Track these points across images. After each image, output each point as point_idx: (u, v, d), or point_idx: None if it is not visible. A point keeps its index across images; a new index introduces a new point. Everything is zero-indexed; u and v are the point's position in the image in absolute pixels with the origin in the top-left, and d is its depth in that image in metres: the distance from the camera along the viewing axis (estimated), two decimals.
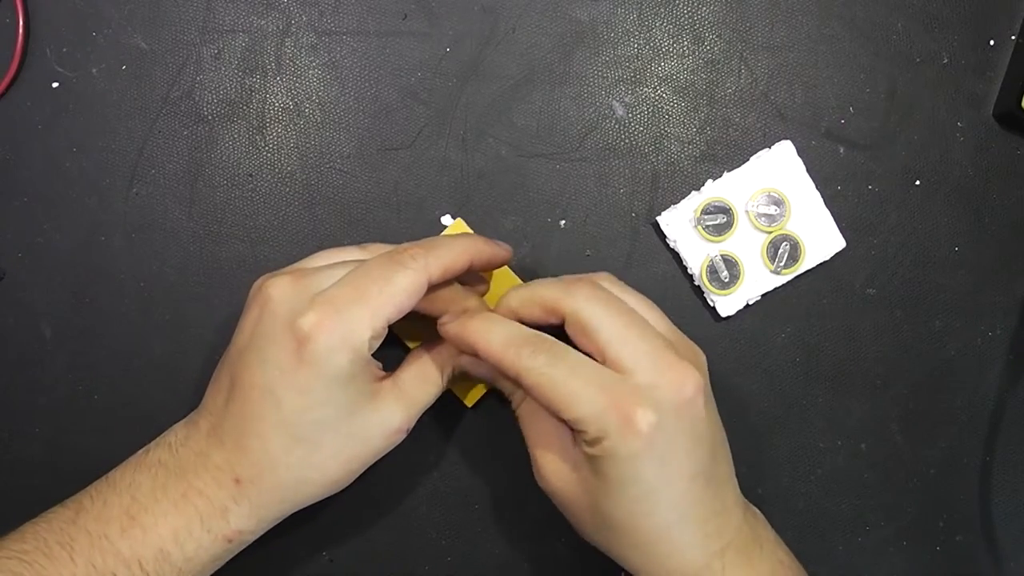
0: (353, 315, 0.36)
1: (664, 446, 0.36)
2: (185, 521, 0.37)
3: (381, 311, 0.37)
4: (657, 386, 0.36)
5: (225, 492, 0.38)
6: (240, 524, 0.38)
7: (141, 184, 0.47)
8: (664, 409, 0.36)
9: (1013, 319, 0.48)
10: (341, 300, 0.37)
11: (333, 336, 0.36)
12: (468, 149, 0.48)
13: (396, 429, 0.39)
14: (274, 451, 0.37)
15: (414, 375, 0.41)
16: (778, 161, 0.47)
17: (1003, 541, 0.48)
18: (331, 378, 0.37)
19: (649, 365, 0.36)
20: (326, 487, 0.39)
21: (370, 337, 0.37)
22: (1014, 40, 0.48)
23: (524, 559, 0.47)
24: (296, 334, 0.36)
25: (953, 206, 0.48)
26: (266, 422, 0.37)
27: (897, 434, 0.48)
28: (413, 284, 0.37)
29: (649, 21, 0.48)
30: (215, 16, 0.48)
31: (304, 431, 0.37)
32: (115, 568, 0.36)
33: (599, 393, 0.36)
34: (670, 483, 0.36)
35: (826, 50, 0.48)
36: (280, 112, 0.48)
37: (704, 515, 0.37)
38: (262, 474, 0.38)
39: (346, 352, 0.36)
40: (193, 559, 0.37)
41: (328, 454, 0.38)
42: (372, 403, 0.38)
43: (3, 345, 0.47)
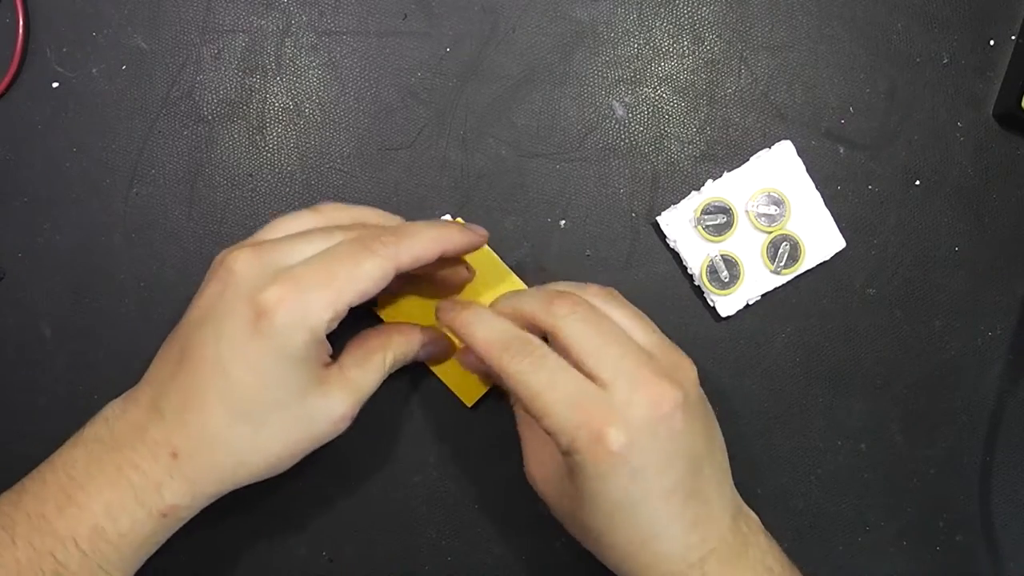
0: (316, 295, 0.36)
1: (636, 464, 0.36)
2: (119, 496, 0.37)
3: (344, 295, 0.37)
4: (632, 403, 0.36)
5: (160, 466, 0.37)
6: (175, 499, 0.37)
7: (141, 184, 0.47)
8: (637, 427, 0.36)
9: (1013, 319, 0.48)
10: (306, 279, 0.36)
11: (293, 313, 0.36)
12: (468, 149, 0.48)
13: (341, 416, 0.39)
14: (215, 426, 0.37)
15: (358, 362, 0.41)
16: (778, 161, 0.47)
17: (1003, 541, 0.48)
18: (284, 356, 0.36)
19: (625, 382, 0.36)
20: (265, 469, 0.39)
21: (329, 319, 0.37)
22: (1014, 40, 0.48)
23: (524, 559, 0.47)
24: (256, 307, 0.36)
25: (953, 206, 0.48)
26: (212, 396, 0.37)
27: (897, 434, 0.48)
28: (380, 271, 0.37)
29: (649, 21, 0.48)
30: (215, 16, 0.48)
31: (249, 409, 0.37)
32: (52, 548, 0.36)
33: (573, 408, 0.36)
34: (644, 500, 0.36)
35: (826, 50, 0.48)
36: (280, 112, 0.48)
37: (683, 528, 0.37)
38: (200, 449, 0.37)
39: (303, 331, 0.36)
40: (128, 535, 0.37)
41: (271, 435, 0.38)
42: (320, 388, 0.38)
43: (3, 345, 0.47)
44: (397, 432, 0.47)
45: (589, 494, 0.37)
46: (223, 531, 0.47)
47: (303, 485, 0.47)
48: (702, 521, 0.38)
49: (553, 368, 0.37)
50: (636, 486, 0.36)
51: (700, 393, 0.39)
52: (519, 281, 0.46)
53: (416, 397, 0.47)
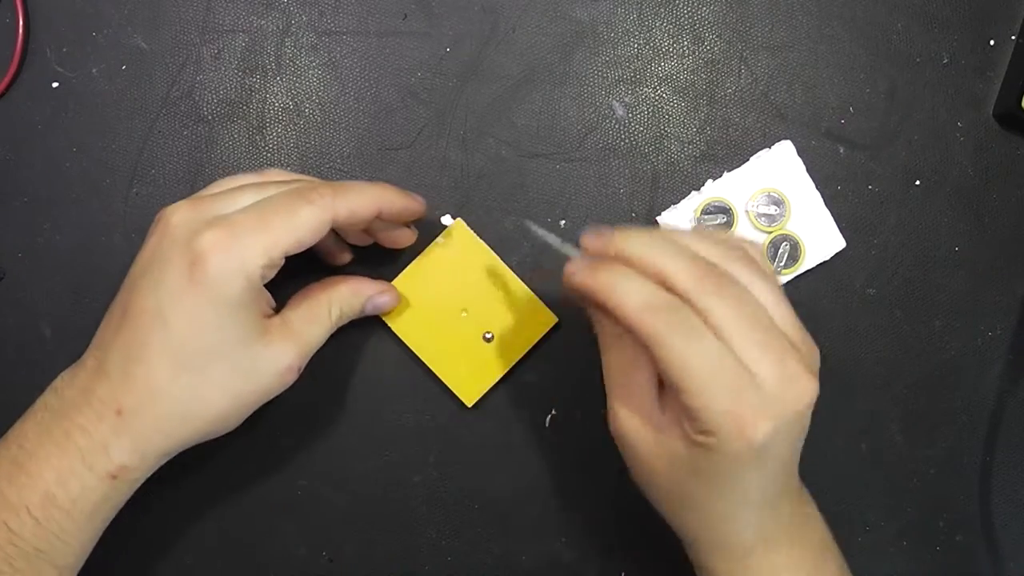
0: (250, 240, 0.37)
1: (770, 455, 0.35)
2: (68, 461, 0.37)
3: (280, 241, 0.37)
4: (781, 399, 0.35)
5: (106, 425, 0.37)
6: (122, 458, 0.37)
7: (141, 184, 0.47)
8: (781, 422, 0.35)
9: (1013, 319, 0.48)
10: (240, 225, 0.37)
11: (228, 259, 0.36)
12: (468, 149, 0.48)
13: (287, 367, 0.39)
14: (159, 378, 0.37)
15: (302, 314, 0.41)
16: (778, 161, 0.47)
17: (1003, 541, 0.48)
18: (221, 303, 0.37)
19: (776, 375, 0.35)
20: (212, 423, 0.39)
21: (263, 265, 0.37)
22: (1014, 40, 0.48)
23: (524, 559, 0.47)
24: (190, 255, 0.36)
25: (953, 206, 0.48)
26: (153, 347, 0.37)
27: (897, 434, 0.48)
28: (316, 220, 0.38)
29: (649, 21, 0.48)
30: (215, 16, 0.48)
31: (191, 358, 0.37)
32: (6, 518, 0.36)
33: (725, 393, 0.34)
34: (759, 487, 0.36)
35: (826, 50, 0.48)
36: (280, 112, 0.48)
37: (769, 501, 0.37)
38: (144, 404, 0.37)
39: (239, 277, 0.37)
40: (79, 500, 0.37)
41: (215, 385, 0.38)
42: (263, 338, 0.38)
43: (3, 345, 0.47)
44: (397, 432, 0.47)
45: (710, 471, 0.36)
46: (223, 531, 0.47)
47: (303, 485, 0.47)
48: (782, 498, 0.38)
49: (708, 344, 0.34)
50: (759, 473, 0.36)
51: None
52: (519, 282, 0.46)
53: (416, 397, 0.47)
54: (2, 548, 0.36)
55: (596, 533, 0.47)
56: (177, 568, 0.46)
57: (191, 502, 0.47)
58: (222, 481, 0.46)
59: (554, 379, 0.47)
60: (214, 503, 0.47)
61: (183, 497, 0.46)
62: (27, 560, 0.36)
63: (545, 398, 0.47)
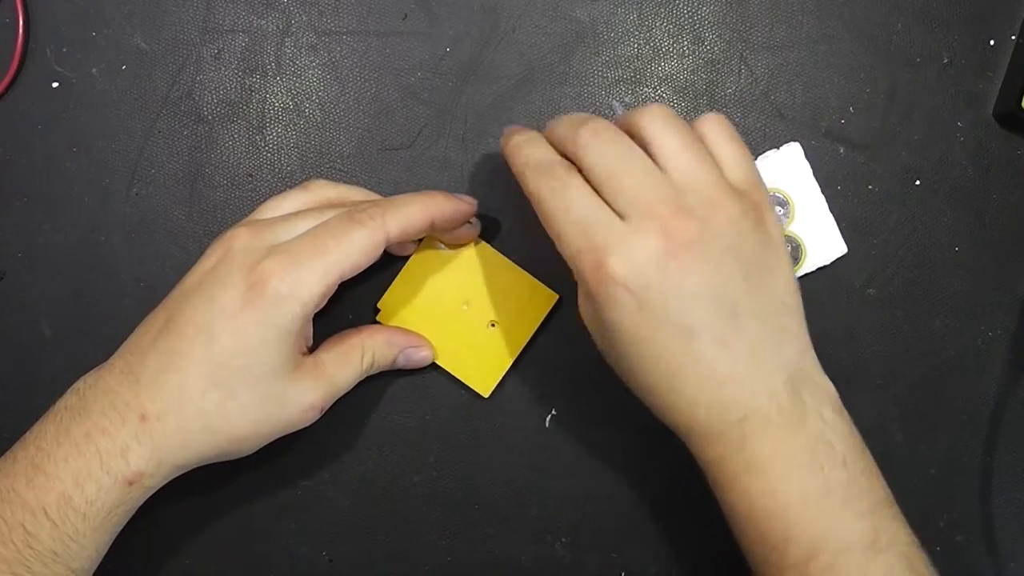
0: (308, 267, 0.38)
1: (643, 297, 0.35)
2: (86, 463, 0.37)
3: (335, 267, 0.38)
4: (639, 232, 0.35)
5: (128, 430, 0.37)
6: (140, 465, 0.37)
7: (141, 184, 0.47)
8: (643, 258, 0.35)
9: (1013, 319, 0.48)
10: (298, 252, 0.38)
11: (284, 283, 0.37)
12: (468, 149, 0.48)
13: (311, 405, 0.40)
14: (190, 389, 0.37)
15: (335, 357, 0.41)
16: (785, 163, 0.47)
17: (1003, 541, 0.48)
18: (270, 327, 0.37)
19: (637, 213, 0.35)
20: (230, 443, 0.39)
21: (321, 292, 0.38)
22: (1014, 40, 0.48)
23: (524, 559, 0.47)
24: (250, 278, 0.37)
25: (953, 206, 0.48)
26: (193, 359, 0.37)
27: (897, 434, 0.48)
28: (370, 242, 0.38)
29: (649, 21, 0.48)
30: (215, 16, 0.48)
31: (226, 376, 0.37)
32: (22, 519, 0.36)
33: (581, 233, 0.36)
34: (655, 336, 0.35)
35: (826, 50, 0.48)
36: (280, 112, 0.48)
37: (710, 377, 0.35)
38: (170, 412, 0.37)
39: (295, 303, 0.37)
40: (95, 502, 0.37)
41: (241, 407, 0.38)
42: (294, 372, 0.39)
43: (3, 345, 0.47)
44: (397, 432, 0.47)
45: (606, 326, 0.36)
46: (223, 531, 0.47)
47: (304, 485, 0.47)
48: (739, 377, 0.36)
49: (573, 194, 0.36)
50: (644, 319, 0.35)
51: (744, 232, 0.36)
52: (515, 267, 0.46)
53: (416, 397, 0.47)
54: (20, 551, 0.36)
55: (596, 533, 0.47)
56: (177, 568, 0.46)
57: (191, 502, 0.47)
58: (222, 481, 0.46)
59: (555, 378, 0.47)
60: (214, 503, 0.47)
61: (183, 497, 0.46)
62: (43, 563, 0.37)
63: (545, 397, 0.47)
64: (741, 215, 0.36)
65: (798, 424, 0.36)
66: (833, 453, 0.36)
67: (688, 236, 0.35)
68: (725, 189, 0.37)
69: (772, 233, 0.38)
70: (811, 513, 0.35)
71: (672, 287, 0.35)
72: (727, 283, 0.36)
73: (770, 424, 0.36)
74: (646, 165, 0.37)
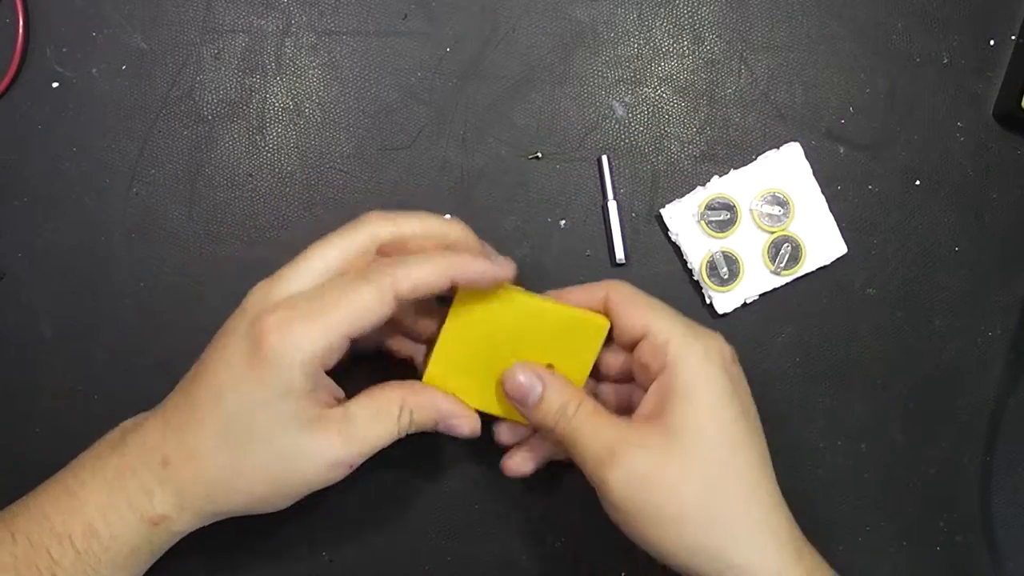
0: (308, 324, 0.36)
1: (732, 367, 0.39)
2: (114, 498, 0.37)
3: (338, 325, 0.36)
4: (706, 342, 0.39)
5: (152, 474, 0.37)
6: (164, 508, 0.37)
7: (141, 184, 0.47)
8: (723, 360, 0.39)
9: (1013, 319, 0.48)
10: (302, 308, 0.36)
11: (283, 340, 0.36)
12: (468, 149, 0.48)
13: (335, 461, 0.38)
14: (205, 445, 0.37)
15: (369, 413, 0.39)
16: (785, 162, 0.47)
17: (1003, 541, 0.48)
18: (275, 386, 0.36)
19: (690, 330, 0.39)
20: (254, 501, 0.38)
21: (322, 348, 0.36)
22: (1014, 40, 0.49)
23: (524, 559, 0.47)
24: (252, 335, 0.36)
25: (953, 206, 0.48)
26: (205, 418, 0.37)
27: (897, 434, 0.48)
28: (375, 300, 0.36)
29: (649, 21, 0.48)
30: (215, 16, 0.48)
31: (236, 433, 0.37)
32: (49, 544, 0.37)
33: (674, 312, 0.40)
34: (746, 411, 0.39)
35: (826, 50, 0.48)
36: (280, 112, 0.48)
37: (774, 504, 0.39)
38: (188, 464, 0.37)
39: (295, 362, 0.36)
40: (118, 539, 0.37)
41: (254, 465, 0.37)
42: (312, 427, 0.37)
43: (3, 345, 0.47)
44: None
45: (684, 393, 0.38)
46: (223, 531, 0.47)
47: None
48: (785, 512, 0.39)
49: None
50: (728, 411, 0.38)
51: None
52: (551, 303, 0.42)
53: None
54: (42, 574, 0.37)
55: (596, 533, 0.47)
56: (177, 568, 0.46)
57: None
58: None
59: None
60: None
61: None
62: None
63: None
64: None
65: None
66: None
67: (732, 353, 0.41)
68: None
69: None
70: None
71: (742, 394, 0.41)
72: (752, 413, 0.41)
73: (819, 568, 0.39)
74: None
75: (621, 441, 0.38)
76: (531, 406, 0.40)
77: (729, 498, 0.38)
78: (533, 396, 0.40)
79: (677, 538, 0.37)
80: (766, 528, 0.38)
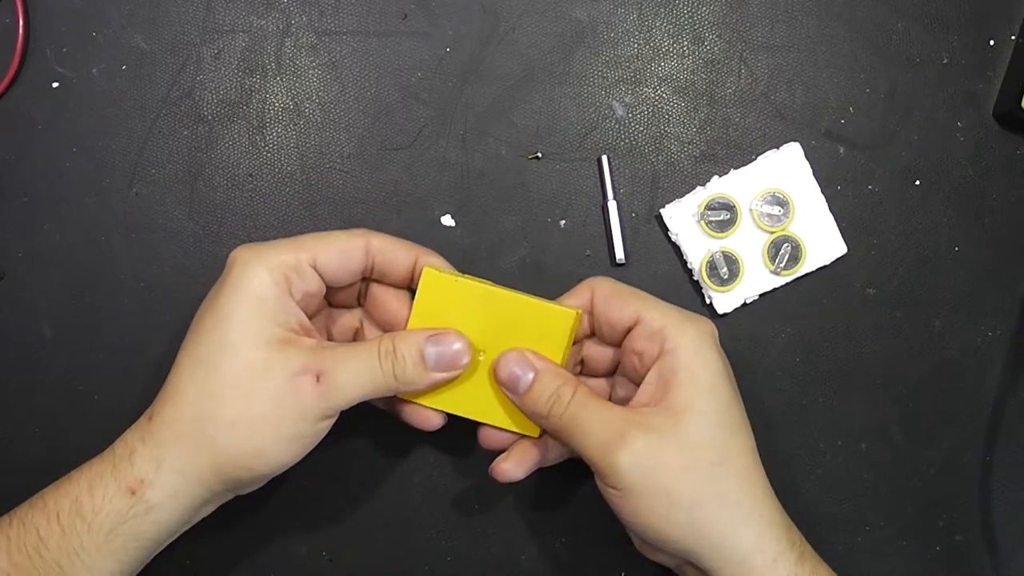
0: (275, 245, 0.39)
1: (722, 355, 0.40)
2: (100, 468, 0.38)
3: (308, 251, 0.39)
4: (698, 326, 0.40)
5: (137, 433, 0.38)
6: (142, 468, 0.37)
7: (141, 184, 0.47)
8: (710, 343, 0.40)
9: (1013, 319, 0.48)
10: (273, 243, 0.39)
11: (250, 253, 0.38)
12: (468, 149, 0.48)
13: (300, 368, 0.37)
14: (180, 379, 0.38)
15: (344, 341, 0.41)
16: (785, 163, 0.47)
17: (1003, 541, 0.48)
18: (240, 297, 0.38)
19: (682, 315, 0.40)
20: (227, 424, 0.37)
21: (292, 261, 0.38)
22: (1014, 40, 0.48)
23: (524, 559, 0.47)
24: (226, 265, 0.39)
25: (953, 206, 0.48)
26: (183, 355, 0.39)
27: (897, 434, 0.48)
28: (346, 242, 0.40)
29: (649, 21, 0.48)
30: (215, 16, 0.48)
31: (206, 352, 0.38)
32: (38, 523, 0.37)
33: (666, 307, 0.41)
34: (731, 422, 0.39)
35: (826, 50, 0.48)
36: (280, 112, 0.48)
37: (766, 488, 0.39)
38: (166, 407, 0.38)
39: (260, 272, 0.38)
40: (100, 512, 0.37)
41: (226, 382, 0.37)
42: (281, 344, 0.38)
43: (3, 345, 0.47)
44: (397, 432, 0.47)
45: (681, 376, 0.39)
46: (223, 531, 0.47)
47: (303, 485, 0.47)
48: (774, 504, 0.39)
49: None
50: (718, 397, 0.39)
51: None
52: (520, 295, 0.41)
53: None
54: (30, 556, 0.37)
55: (596, 533, 0.47)
56: (177, 568, 0.46)
57: None
58: None
59: None
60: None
61: None
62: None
63: None
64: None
65: (802, 565, 0.39)
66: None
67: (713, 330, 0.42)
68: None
69: None
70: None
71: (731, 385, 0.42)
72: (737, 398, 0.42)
73: (793, 566, 0.39)
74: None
75: (630, 423, 0.38)
76: (522, 393, 0.40)
77: (730, 481, 0.38)
78: (524, 383, 0.40)
79: (686, 523, 0.37)
80: (763, 514, 0.38)
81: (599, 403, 0.39)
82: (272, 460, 0.38)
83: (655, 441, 0.37)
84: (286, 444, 0.38)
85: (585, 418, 0.39)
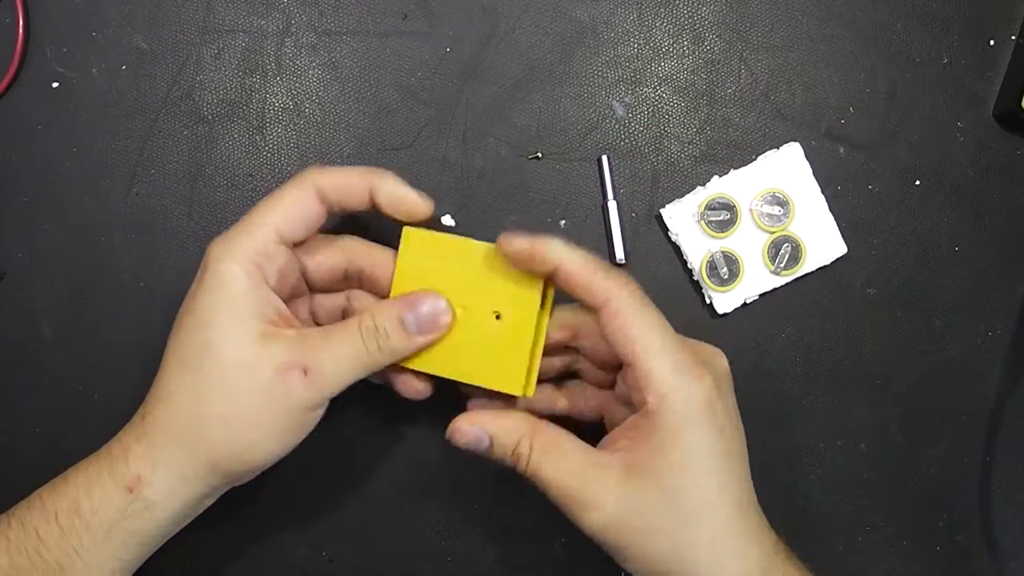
0: (240, 229, 0.39)
1: (721, 413, 0.37)
2: (98, 468, 0.38)
3: (268, 224, 0.38)
4: (694, 383, 0.37)
5: (132, 433, 0.38)
6: (138, 467, 0.37)
7: (141, 184, 0.47)
8: (720, 376, 0.38)
9: (1013, 319, 0.48)
10: (237, 225, 0.39)
11: (221, 248, 0.38)
12: (468, 149, 0.48)
13: (286, 363, 0.37)
14: (168, 379, 0.38)
15: (324, 326, 0.39)
16: (785, 162, 0.47)
17: (1003, 541, 0.48)
18: (215, 293, 0.38)
19: (679, 366, 0.37)
20: (218, 421, 0.37)
21: (253, 250, 0.38)
22: (1014, 40, 0.49)
23: (524, 559, 0.47)
24: (201, 264, 0.39)
25: (953, 206, 0.48)
26: (170, 353, 0.39)
27: (897, 434, 0.48)
28: (298, 195, 0.39)
29: (649, 21, 0.48)
30: (215, 16, 0.48)
31: (190, 354, 0.38)
32: (37, 524, 0.37)
33: (670, 339, 0.37)
34: (728, 455, 0.37)
35: (826, 50, 0.48)
36: (280, 112, 0.48)
37: (756, 512, 0.38)
38: (157, 405, 0.38)
39: (231, 264, 0.38)
40: (99, 511, 0.37)
41: (213, 383, 0.37)
42: (264, 338, 0.37)
43: (3, 345, 0.47)
44: (397, 432, 0.47)
45: (673, 428, 0.36)
46: (223, 531, 0.47)
47: (303, 485, 0.47)
48: (763, 530, 0.38)
49: (656, 317, 0.38)
50: (721, 436, 0.37)
51: (731, 387, 0.40)
52: (478, 243, 0.41)
53: None
54: (30, 557, 0.37)
55: None
56: (177, 568, 0.46)
57: None
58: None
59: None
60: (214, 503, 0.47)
61: None
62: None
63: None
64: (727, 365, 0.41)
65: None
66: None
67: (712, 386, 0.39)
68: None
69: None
70: None
71: (733, 412, 0.40)
72: (739, 434, 0.40)
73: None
74: (665, 322, 0.39)
75: (595, 483, 0.37)
76: (485, 453, 0.40)
77: (702, 545, 0.37)
78: (483, 446, 0.40)
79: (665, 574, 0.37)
80: (740, 564, 0.37)
81: (560, 454, 0.38)
82: (267, 452, 0.39)
83: (624, 503, 0.36)
84: (279, 436, 0.38)
85: (547, 474, 0.38)
